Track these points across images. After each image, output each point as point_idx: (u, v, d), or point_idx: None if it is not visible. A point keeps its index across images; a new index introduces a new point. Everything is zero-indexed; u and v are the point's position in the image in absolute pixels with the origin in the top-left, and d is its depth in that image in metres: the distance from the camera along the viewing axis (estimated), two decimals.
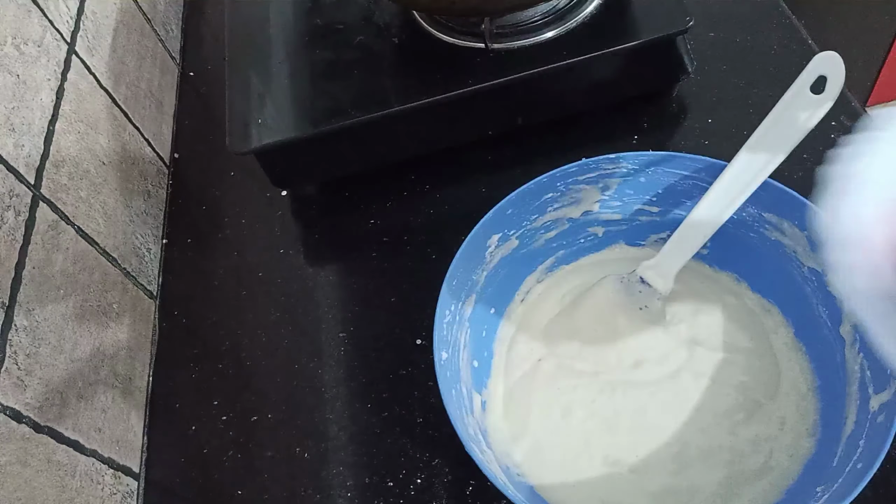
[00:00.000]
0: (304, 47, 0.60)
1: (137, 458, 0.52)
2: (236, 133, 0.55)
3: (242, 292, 0.58)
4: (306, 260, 0.60)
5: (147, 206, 0.62)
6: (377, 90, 0.56)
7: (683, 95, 0.62)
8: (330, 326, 0.55)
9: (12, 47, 0.47)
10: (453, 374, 0.44)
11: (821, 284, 0.44)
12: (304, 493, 0.48)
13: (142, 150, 0.64)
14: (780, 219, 0.45)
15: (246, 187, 0.64)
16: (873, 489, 0.36)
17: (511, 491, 0.38)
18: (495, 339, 0.50)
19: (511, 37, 0.56)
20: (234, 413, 0.52)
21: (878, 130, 0.30)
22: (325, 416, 0.51)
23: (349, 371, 0.53)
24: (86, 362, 0.48)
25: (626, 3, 0.57)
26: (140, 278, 0.58)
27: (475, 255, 0.47)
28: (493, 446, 0.45)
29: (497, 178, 0.60)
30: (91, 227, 0.52)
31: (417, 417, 0.49)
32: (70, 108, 0.53)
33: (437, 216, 0.59)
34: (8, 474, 0.38)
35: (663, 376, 0.47)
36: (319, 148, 0.57)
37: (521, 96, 0.57)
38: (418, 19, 0.60)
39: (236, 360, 0.55)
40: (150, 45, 0.70)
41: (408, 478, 0.47)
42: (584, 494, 0.44)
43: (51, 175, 0.49)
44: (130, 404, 0.52)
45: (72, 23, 0.57)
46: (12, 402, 0.40)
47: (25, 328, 0.43)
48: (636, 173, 0.48)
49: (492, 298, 0.49)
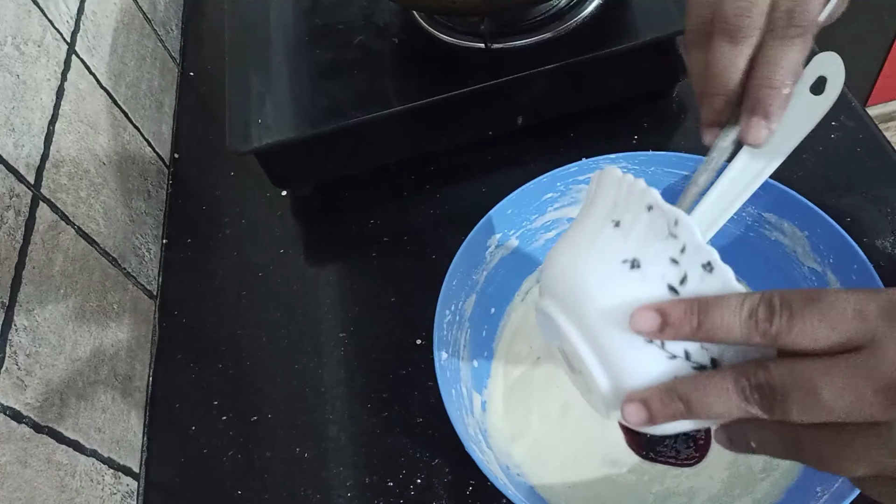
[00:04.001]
0: (304, 47, 0.60)
1: (137, 458, 0.52)
2: (236, 133, 0.55)
3: (242, 292, 0.58)
4: (306, 260, 0.60)
5: (147, 206, 0.62)
6: (377, 90, 0.56)
7: (683, 95, 0.62)
8: (330, 326, 0.55)
9: (12, 47, 0.47)
10: (453, 374, 0.44)
11: (821, 284, 0.44)
12: (304, 493, 0.48)
13: (142, 150, 0.64)
14: (780, 219, 0.45)
15: (246, 187, 0.64)
16: None
17: (511, 491, 0.38)
18: (495, 339, 0.50)
19: (511, 36, 0.56)
20: (234, 413, 0.52)
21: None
22: (325, 416, 0.51)
23: (349, 371, 0.53)
24: (86, 362, 0.48)
25: (626, 3, 0.57)
26: (140, 278, 0.58)
27: (475, 255, 0.47)
28: (493, 446, 0.45)
29: (497, 178, 0.60)
30: (91, 227, 0.52)
31: (417, 417, 0.49)
32: (70, 108, 0.53)
33: (437, 216, 0.59)
34: (8, 474, 0.38)
35: None
36: (319, 148, 0.57)
37: (521, 96, 0.57)
38: (418, 19, 0.60)
39: (236, 360, 0.55)
40: (150, 45, 0.70)
41: (408, 478, 0.47)
42: (585, 495, 0.44)
43: (51, 175, 0.49)
44: (130, 404, 0.52)
45: (72, 23, 0.57)
46: (12, 402, 0.40)
47: (25, 328, 0.43)
48: (636, 173, 0.47)
49: (492, 298, 0.49)
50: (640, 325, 0.28)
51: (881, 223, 0.52)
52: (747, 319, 0.26)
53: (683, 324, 0.28)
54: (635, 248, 0.30)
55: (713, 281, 0.28)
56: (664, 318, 0.28)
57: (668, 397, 0.28)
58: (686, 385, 0.28)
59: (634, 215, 0.31)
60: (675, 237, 0.29)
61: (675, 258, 0.29)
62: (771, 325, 0.26)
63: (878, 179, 0.54)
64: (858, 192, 0.54)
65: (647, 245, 0.30)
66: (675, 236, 0.29)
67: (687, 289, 0.29)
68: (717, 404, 0.27)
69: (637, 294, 0.30)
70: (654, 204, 0.30)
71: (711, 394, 0.27)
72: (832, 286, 0.43)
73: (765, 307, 0.26)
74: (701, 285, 0.29)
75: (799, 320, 0.25)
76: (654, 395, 0.29)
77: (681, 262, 0.29)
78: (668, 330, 0.28)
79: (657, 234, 0.30)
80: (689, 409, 0.28)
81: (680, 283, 0.29)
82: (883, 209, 0.53)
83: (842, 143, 0.56)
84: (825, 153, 0.56)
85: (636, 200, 0.31)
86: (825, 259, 0.43)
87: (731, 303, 0.27)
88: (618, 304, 0.30)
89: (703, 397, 0.27)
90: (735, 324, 0.27)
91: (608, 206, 0.32)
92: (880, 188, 0.54)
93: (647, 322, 0.28)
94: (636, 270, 0.30)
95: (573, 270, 0.33)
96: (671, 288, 0.29)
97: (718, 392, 0.27)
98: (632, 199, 0.31)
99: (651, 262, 0.30)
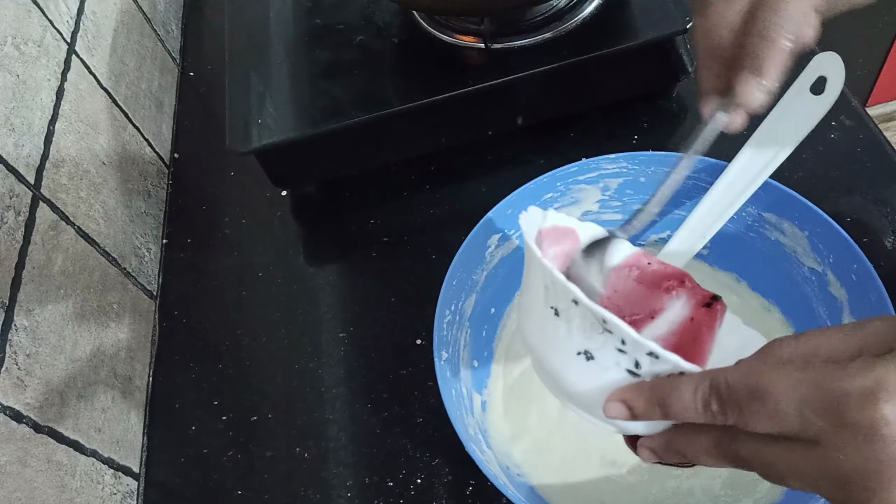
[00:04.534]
0: (304, 47, 0.60)
1: (137, 458, 0.52)
2: (236, 133, 0.55)
3: (242, 292, 0.58)
4: (306, 260, 0.60)
5: (147, 206, 0.62)
6: (377, 90, 0.56)
7: (683, 95, 0.62)
8: (330, 326, 0.55)
9: (12, 47, 0.47)
10: (453, 374, 0.44)
11: (821, 284, 0.44)
12: (304, 493, 0.48)
13: (142, 150, 0.64)
14: (780, 219, 0.45)
15: (246, 187, 0.64)
16: None
17: (511, 491, 0.38)
18: (495, 339, 0.50)
19: (511, 36, 0.56)
20: (234, 413, 0.52)
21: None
22: (325, 416, 0.51)
23: (349, 371, 0.52)
24: (86, 362, 0.48)
25: (625, 3, 0.57)
26: (140, 278, 0.58)
27: (475, 255, 0.47)
28: (493, 446, 0.45)
29: (497, 178, 0.60)
30: (91, 227, 0.52)
31: (417, 417, 0.49)
32: (70, 108, 0.53)
33: (437, 216, 0.59)
34: (8, 474, 0.38)
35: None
36: (319, 148, 0.57)
37: (521, 96, 0.57)
38: (418, 19, 0.60)
39: (236, 360, 0.55)
40: (150, 45, 0.70)
41: (408, 478, 0.47)
42: (584, 495, 0.44)
43: (51, 175, 0.49)
44: (130, 404, 0.52)
45: (72, 23, 0.57)
46: (12, 402, 0.40)
47: (25, 328, 0.43)
48: (636, 173, 0.48)
49: (492, 298, 0.49)
50: (612, 413, 0.31)
51: (881, 223, 0.52)
52: (703, 411, 0.28)
53: (650, 413, 0.30)
54: (581, 341, 0.31)
55: (664, 365, 0.29)
56: (631, 410, 0.30)
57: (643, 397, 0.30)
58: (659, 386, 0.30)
59: (566, 306, 0.31)
60: (611, 332, 0.29)
61: (620, 348, 0.30)
62: (726, 418, 0.27)
63: (878, 179, 0.54)
64: (858, 192, 0.54)
65: (590, 338, 0.31)
66: (611, 332, 0.29)
67: (644, 371, 0.30)
68: (682, 411, 0.28)
69: (601, 381, 0.31)
70: (578, 300, 0.30)
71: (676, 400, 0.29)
72: (832, 286, 0.43)
73: (717, 401, 0.27)
74: (655, 367, 0.29)
75: (748, 418, 0.26)
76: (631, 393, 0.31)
77: (628, 352, 0.30)
78: (639, 417, 0.30)
79: (594, 328, 0.30)
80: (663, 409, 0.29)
81: (635, 367, 0.30)
82: (883, 209, 0.53)
83: (842, 143, 0.56)
84: (825, 153, 0.56)
85: (562, 292, 0.31)
86: (825, 259, 0.43)
87: (685, 396, 0.28)
88: (588, 389, 0.32)
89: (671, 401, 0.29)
90: (693, 411, 0.28)
91: (541, 287, 0.32)
92: (880, 188, 0.54)
93: (619, 412, 0.31)
94: (592, 362, 0.31)
95: (539, 364, 0.35)
96: (630, 371, 0.30)
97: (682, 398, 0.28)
98: (558, 289, 0.31)
99: (601, 353, 0.30)
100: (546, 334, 0.33)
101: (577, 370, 0.32)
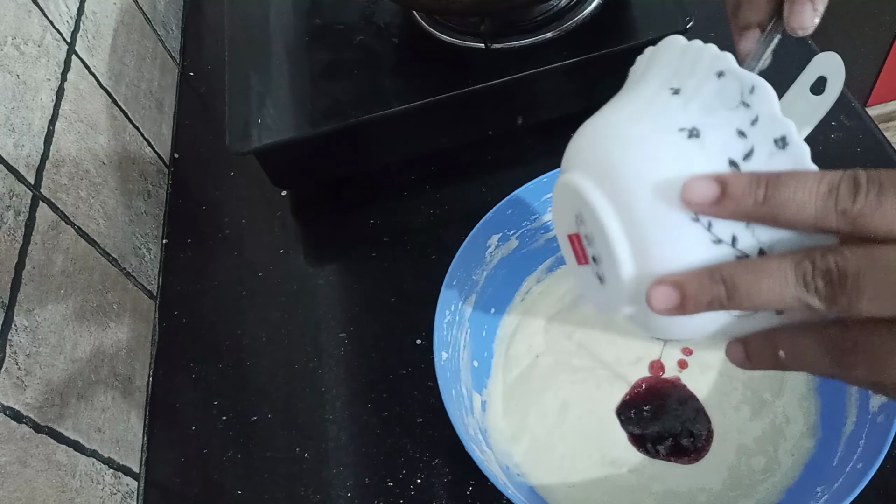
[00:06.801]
0: (304, 47, 0.60)
1: (137, 458, 0.52)
2: (236, 133, 0.55)
3: (242, 292, 0.58)
4: (306, 260, 0.60)
5: (147, 206, 0.62)
6: (377, 90, 0.56)
7: None
8: (330, 326, 0.55)
9: (12, 47, 0.47)
10: (453, 374, 0.44)
11: None
12: (304, 493, 0.48)
13: (142, 150, 0.64)
14: None
15: (246, 187, 0.64)
16: (873, 489, 0.36)
17: (511, 491, 0.38)
18: (495, 339, 0.50)
19: (511, 36, 0.56)
20: (234, 413, 0.52)
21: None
22: (325, 416, 0.51)
23: (349, 371, 0.53)
24: (86, 362, 0.48)
25: (625, 3, 0.57)
26: (140, 278, 0.58)
27: (475, 255, 0.47)
28: (493, 446, 0.45)
29: (497, 178, 0.60)
30: (91, 227, 0.52)
31: (417, 417, 0.49)
32: (70, 108, 0.53)
33: (437, 216, 0.59)
34: (8, 474, 0.38)
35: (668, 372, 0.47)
36: (319, 148, 0.57)
37: (521, 96, 0.57)
38: (418, 19, 0.60)
39: (236, 360, 0.55)
40: (150, 45, 0.70)
41: (408, 478, 0.47)
42: (584, 495, 0.44)
43: (51, 175, 0.49)
44: (130, 404, 0.52)
45: (72, 23, 0.57)
46: (12, 402, 0.40)
47: (25, 328, 0.43)
48: None
49: (492, 298, 0.49)
50: (694, 193, 0.24)
51: None
52: (826, 195, 0.23)
53: (746, 196, 0.24)
54: (697, 117, 0.26)
55: (784, 159, 0.25)
56: (724, 187, 0.24)
57: (708, 279, 0.24)
58: (733, 267, 0.24)
59: (700, 81, 0.27)
60: (748, 106, 0.25)
61: (742, 130, 0.25)
62: (854, 203, 0.22)
63: None
64: None
65: (711, 113, 0.26)
66: (748, 105, 0.25)
67: (750, 165, 0.25)
68: (769, 291, 0.23)
69: (691, 165, 0.26)
70: (728, 70, 0.26)
71: (763, 278, 0.24)
72: None
73: (848, 182, 0.22)
74: (769, 162, 0.25)
75: (889, 198, 0.22)
76: (692, 278, 0.25)
77: (749, 135, 0.25)
78: (727, 203, 0.24)
79: (726, 103, 0.26)
80: (731, 296, 0.24)
81: (744, 158, 0.25)
82: None
83: (842, 143, 0.56)
84: (825, 153, 0.56)
85: (705, 66, 0.27)
86: None
87: (807, 177, 0.23)
88: (666, 174, 0.26)
89: (753, 281, 0.24)
90: (809, 200, 0.23)
91: (667, 74, 0.28)
92: None
93: (704, 191, 0.24)
94: (694, 140, 0.26)
95: (615, 137, 0.29)
96: (732, 163, 0.25)
97: (773, 276, 0.23)
98: (699, 65, 0.27)
99: (713, 133, 0.26)
100: (643, 113, 0.28)
101: (666, 147, 0.26)
